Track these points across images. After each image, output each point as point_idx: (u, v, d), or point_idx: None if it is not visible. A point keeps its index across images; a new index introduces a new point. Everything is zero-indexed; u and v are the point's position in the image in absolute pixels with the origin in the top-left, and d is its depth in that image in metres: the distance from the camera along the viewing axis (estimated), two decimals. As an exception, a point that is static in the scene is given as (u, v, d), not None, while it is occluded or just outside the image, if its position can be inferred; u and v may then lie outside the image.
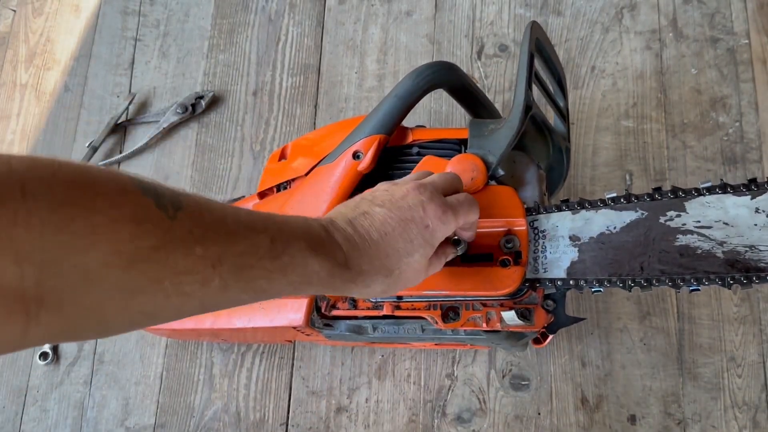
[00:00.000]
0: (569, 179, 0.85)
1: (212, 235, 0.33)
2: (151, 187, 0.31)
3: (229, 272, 0.34)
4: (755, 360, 0.76)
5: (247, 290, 0.36)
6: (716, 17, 0.90)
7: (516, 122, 0.59)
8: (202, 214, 0.33)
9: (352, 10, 1.01)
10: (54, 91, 1.07)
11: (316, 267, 0.39)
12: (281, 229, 0.38)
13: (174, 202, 0.31)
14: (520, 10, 0.96)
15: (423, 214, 0.45)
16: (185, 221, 0.31)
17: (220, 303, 0.35)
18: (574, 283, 0.55)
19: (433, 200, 0.46)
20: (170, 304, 0.31)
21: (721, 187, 0.51)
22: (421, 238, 0.45)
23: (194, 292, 0.32)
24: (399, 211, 0.45)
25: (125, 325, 0.31)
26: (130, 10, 1.09)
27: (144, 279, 0.29)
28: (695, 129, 0.85)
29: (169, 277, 0.30)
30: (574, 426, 0.77)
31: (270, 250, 0.36)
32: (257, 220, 0.37)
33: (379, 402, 0.82)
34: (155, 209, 0.30)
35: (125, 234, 0.28)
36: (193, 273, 0.32)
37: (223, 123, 1.00)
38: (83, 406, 0.89)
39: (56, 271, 0.26)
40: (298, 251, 0.38)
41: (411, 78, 0.64)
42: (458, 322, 0.60)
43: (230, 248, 0.34)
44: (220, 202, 0.36)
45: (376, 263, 0.43)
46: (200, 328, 0.75)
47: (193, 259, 0.31)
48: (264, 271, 0.36)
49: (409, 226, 0.45)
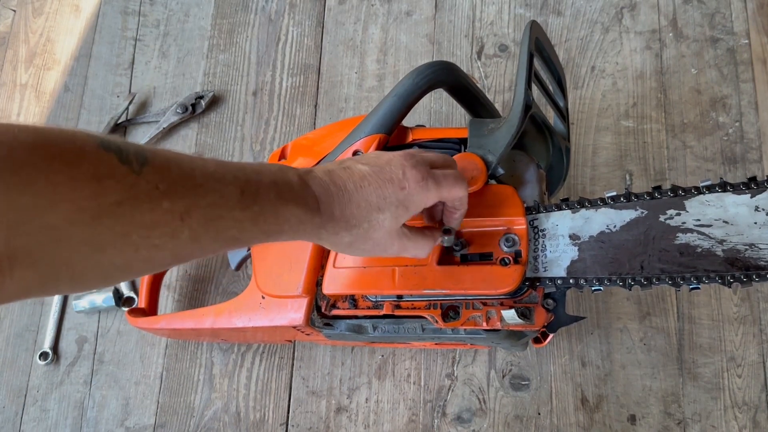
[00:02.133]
0: (569, 179, 0.85)
1: (179, 189, 0.34)
2: (113, 143, 0.31)
3: (199, 224, 0.34)
4: (755, 360, 0.76)
5: (218, 240, 0.37)
6: (716, 17, 0.90)
7: (516, 121, 0.59)
8: (170, 168, 0.34)
9: (352, 10, 1.01)
10: (54, 91, 1.07)
11: (287, 215, 0.40)
12: (250, 180, 0.39)
13: (139, 156, 0.32)
14: (520, 10, 0.96)
15: (402, 177, 0.46)
16: (151, 175, 0.32)
17: (194, 253, 0.36)
18: (574, 281, 0.55)
19: (416, 167, 0.47)
20: (140, 256, 0.32)
21: (721, 186, 0.51)
22: (394, 197, 0.46)
23: (164, 244, 0.33)
24: (379, 170, 0.46)
25: (99, 278, 0.32)
26: (130, 10, 1.10)
27: (110, 234, 0.30)
28: (695, 129, 0.85)
29: (136, 230, 0.31)
30: (574, 426, 0.77)
31: (239, 201, 0.37)
32: (227, 171, 0.37)
33: (379, 402, 0.82)
34: (118, 164, 0.31)
35: (86, 191, 0.29)
36: (160, 226, 0.32)
37: (223, 123, 1.00)
38: (83, 406, 0.89)
39: (24, 230, 0.27)
40: (267, 201, 0.39)
41: (411, 78, 0.64)
42: (458, 321, 0.60)
43: (198, 200, 0.34)
44: (189, 156, 0.36)
45: (347, 212, 0.44)
46: (200, 328, 0.75)
47: (159, 213, 0.32)
48: (234, 222, 0.37)
49: (385, 184, 0.46)
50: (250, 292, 0.70)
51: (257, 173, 0.40)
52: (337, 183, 0.44)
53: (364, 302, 0.65)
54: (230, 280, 0.92)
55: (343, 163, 0.47)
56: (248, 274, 0.90)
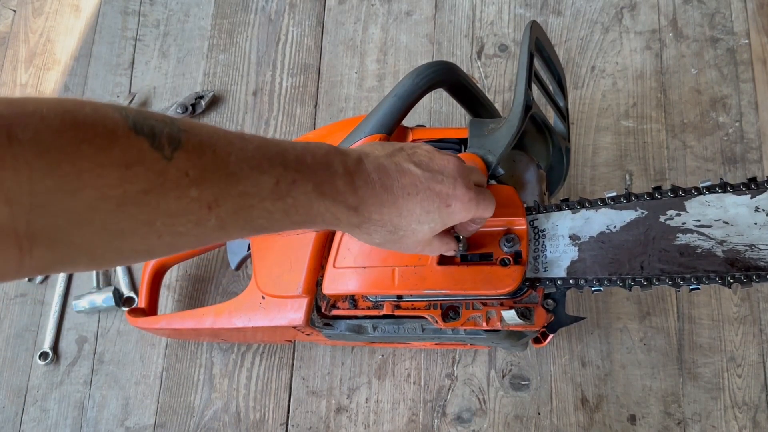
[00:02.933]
0: (569, 179, 0.85)
1: (210, 176, 0.32)
2: (147, 124, 0.30)
3: (227, 213, 0.33)
4: (755, 360, 0.76)
5: (245, 228, 0.36)
6: (716, 17, 0.90)
7: (516, 121, 0.59)
8: (203, 152, 0.32)
9: (352, 10, 1.01)
10: (54, 91, 1.07)
11: (321, 209, 0.39)
12: (289, 167, 0.36)
13: (173, 138, 0.31)
14: (520, 10, 0.96)
15: (451, 192, 0.45)
16: (182, 161, 0.31)
17: (219, 239, 0.35)
18: (574, 282, 0.55)
19: (466, 184, 0.46)
20: (162, 242, 0.32)
21: (721, 186, 0.51)
22: (438, 213, 0.45)
23: (189, 231, 0.32)
24: (431, 179, 0.45)
25: (118, 260, 0.32)
26: (130, 10, 1.09)
27: (134, 221, 0.29)
28: (695, 129, 0.85)
29: (160, 218, 0.30)
30: (574, 426, 0.77)
31: (273, 191, 0.35)
32: (265, 156, 0.35)
33: (379, 402, 0.82)
34: (149, 150, 0.30)
35: (113, 179, 0.28)
36: (186, 214, 0.31)
37: (223, 123, 1.00)
38: (83, 406, 0.89)
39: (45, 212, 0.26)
40: (303, 194, 0.37)
41: (411, 78, 0.64)
42: (458, 322, 0.60)
43: (229, 189, 0.33)
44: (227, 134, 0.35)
45: (386, 217, 0.43)
46: (200, 328, 0.75)
47: (186, 201, 0.31)
48: (265, 212, 0.36)
49: (432, 197, 0.44)
50: (250, 292, 0.70)
51: (299, 160, 0.37)
52: (386, 184, 0.43)
53: (364, 302, 0.65)
54: (230, 280, 0.92)
55: (395, 157, 0.45)
56: (248, 274, 0.90)
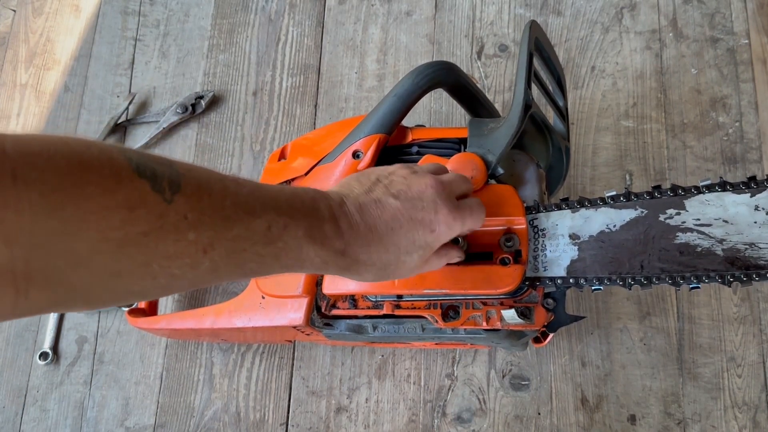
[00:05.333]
0: (569, 179, 0.85)
1: (207, 219, 0.33)
2: (149, 167, 0.31)
3: (220, 256, 0.34)
4: (755, 360, 0.76)
5: (236, 272, 0.36)
6: (716, 17, 0.90)
7: (515, 121, 0.59)
8: (201, 195, 0.33)
9: (352, 10, 1.01)
10: (54, 91, 1.07)
11: (311, 254, 0.40)
12: (281, 211, 0.37)
13: (173, 182, 0.31)
14: (520, 10, 0.96)
15: (433, 217, 0.45)
16: (181, 205, 0.31)
17: (209, 282, 0.36)
18: (574, 281, 0.55)
19: (447, 204, 0.46)
20: (157, 283, 0.32)
21: (721, 185, 0.51)
22: (423, 240, 0.46)
23: (183, 274, 0.32)
24: (412, 208, 0.45)
25: (112, 301, 0.32)
26: (130, 10, 1.10)
27: (131, 262, 0.30)
28: (695, 129, 0.85)
29: (157, 260, 0.31)
30: (574, 426, 0.77)
31: (264, 236, 0.36)
32: (257, 201, 0.36)
33: (379, 402, 0.82)
34: (151, 193, 0.30)
35: (116, 221, 0.28)
36: (182, 257, 0.32)
37: (223, 123, 1.00)
38: (83, 406, 0.89)
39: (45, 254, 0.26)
40: (293, 239, 0.38)
41: (411, 77, 0.64)
42: (458, 321, 0.60)
43: (224, 233, 0.34)
44: (222, 178, 0.35)
45: (374, 256, 0.44)
46: (200, 328, 0.75)
47: (184, 244, 0.32)
48: (256, 256, 0.36)
49: (416, 226, 0.45)
50: (250, 292, 0.70)
51: (289, 204, 0.38)
52: (368, 223, 0.43)
53: (364, 302, 0.65)
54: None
55: (373, 192, 0.45)
56: (248, 274, 0.90)
